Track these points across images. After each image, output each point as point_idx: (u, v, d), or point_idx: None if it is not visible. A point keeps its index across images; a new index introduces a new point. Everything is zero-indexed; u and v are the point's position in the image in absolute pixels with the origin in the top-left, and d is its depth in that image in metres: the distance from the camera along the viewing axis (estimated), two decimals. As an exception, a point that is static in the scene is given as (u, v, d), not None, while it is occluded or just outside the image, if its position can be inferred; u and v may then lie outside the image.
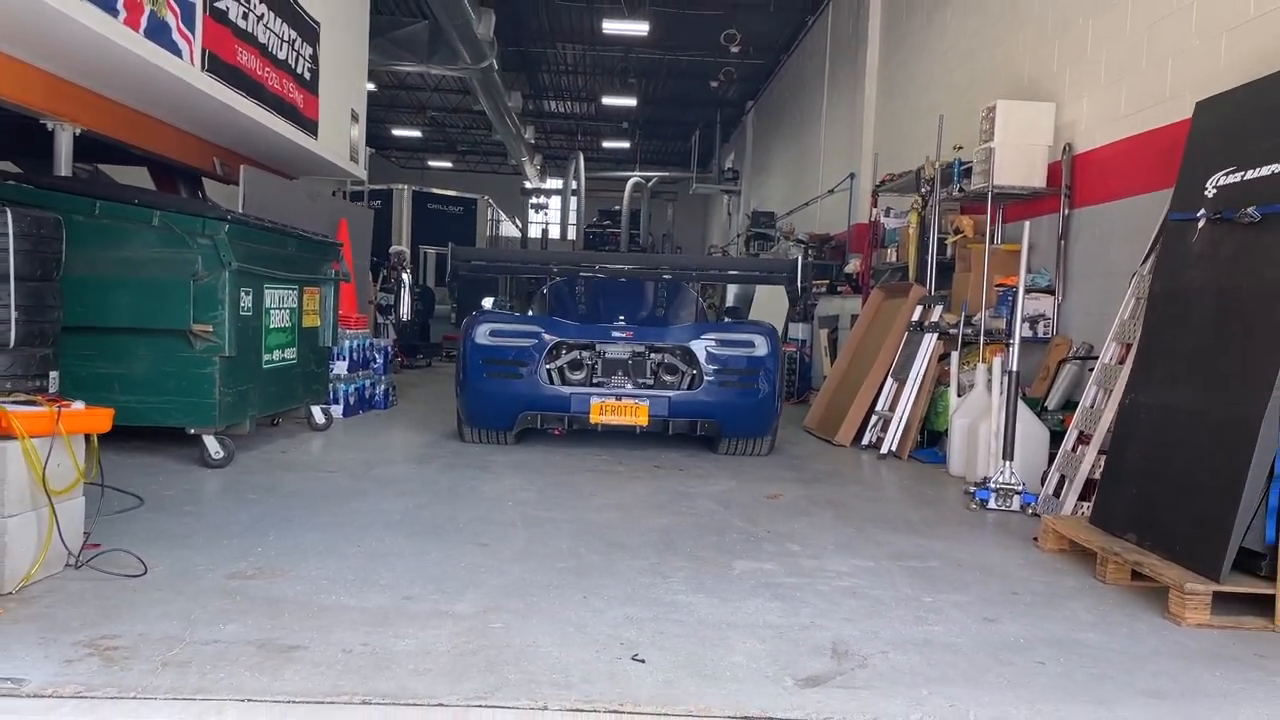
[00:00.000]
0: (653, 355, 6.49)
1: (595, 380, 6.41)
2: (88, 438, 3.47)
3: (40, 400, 3.29)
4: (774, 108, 19.09)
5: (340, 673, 2.60)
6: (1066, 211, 6.80)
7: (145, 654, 2.67)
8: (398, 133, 26.92)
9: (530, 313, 7.56)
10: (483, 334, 6.33)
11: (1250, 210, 3.69)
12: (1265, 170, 3.73)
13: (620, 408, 6.18)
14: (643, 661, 2.80)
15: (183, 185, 8.30)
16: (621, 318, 6.80)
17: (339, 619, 3.03)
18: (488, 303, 7.69)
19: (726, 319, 9.18)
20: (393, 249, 13.84)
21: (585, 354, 6.46)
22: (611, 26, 16.04)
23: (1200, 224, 4.04)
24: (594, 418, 6.18)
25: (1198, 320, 3.97)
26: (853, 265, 10.91)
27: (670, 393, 6.31)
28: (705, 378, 6.32)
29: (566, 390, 6.29)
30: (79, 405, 3.37)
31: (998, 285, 7.06)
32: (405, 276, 13.09)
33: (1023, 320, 6.74)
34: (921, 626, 3.24)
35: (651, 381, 6.45)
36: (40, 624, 2.86)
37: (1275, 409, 3.39)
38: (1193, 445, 3.81)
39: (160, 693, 2.42)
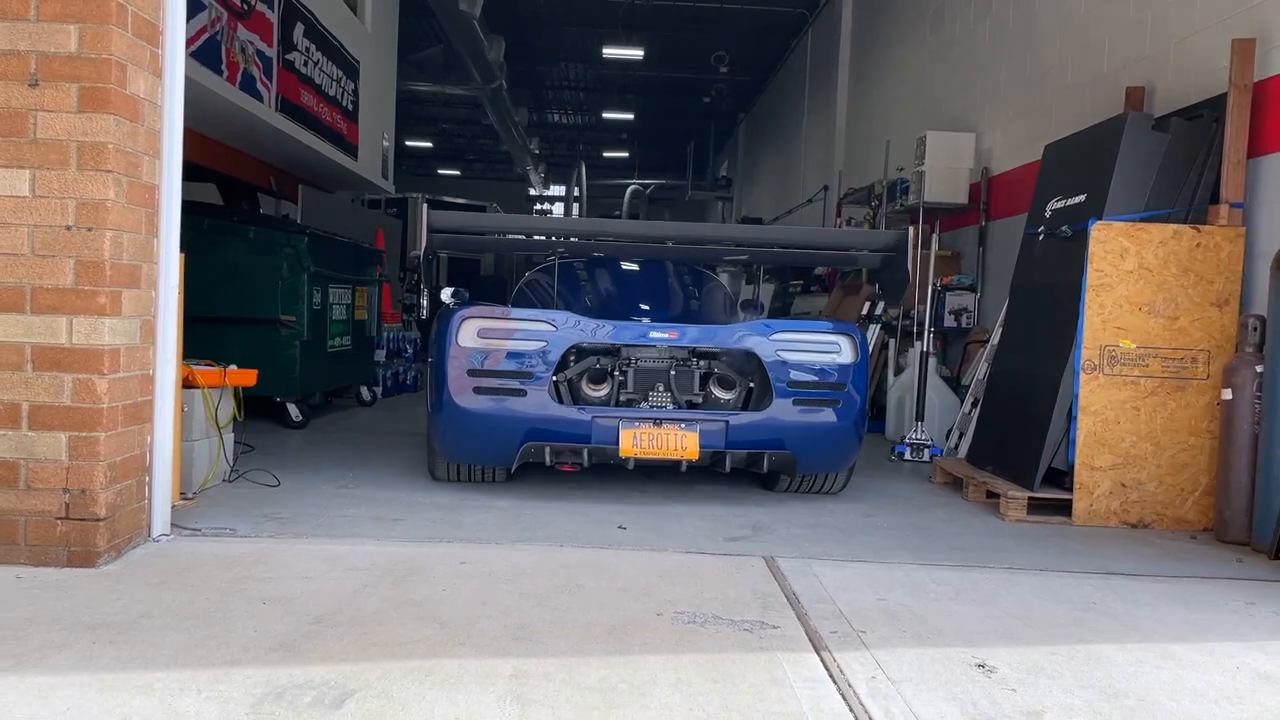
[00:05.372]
0: (700, 363, 4.93)
1: (624, 397, 4.83)
2: (236, 391, 4.92)
3: (210, 363, 4.74)
4: (762, 120, 20.54)
5: (429, 531, 4.06)
6: (984, 223, 8.24)
7: (302, 522, 4.12)
8: (410, 143, 28.37)
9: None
10: (468, 334, 4.66)
11: (1065, 228, 5.13)
12: (1076, 199, 5.17)
13: (661, 435, 4.60)
14: (625, 529, 4.26)
15: (244, 199, 9.76)
16: (646, 310, 5.44)
17: (421, 508, 4.50)
18: (446, 294, 5.47)
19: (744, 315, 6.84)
20: (412, 253, 15.30)
21: (609, 361, 4.87)
22: (611, 52, 17.45)
23: (1040, 237, 5.48)
24: (624, 450, 4.58)
25: (1034, 309, 5.42)
26: (822, 267, 12.35)
27: (728, 415, 4.70)
28: (775, 394, 4.70)
29: (586, 414, 4.64)
30: (233, 368, 4.82)
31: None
32: (424, 278, 14.55)
33: (948, 313, 8.25)
34: (819, 517, 4.70)
35: (700, 399, 4.87)
36: (225, 508, 4.32)
37: (1070, 369, 4.83)
38: (1027, 398, 5.25)
39: (321, 537, 3.88)
